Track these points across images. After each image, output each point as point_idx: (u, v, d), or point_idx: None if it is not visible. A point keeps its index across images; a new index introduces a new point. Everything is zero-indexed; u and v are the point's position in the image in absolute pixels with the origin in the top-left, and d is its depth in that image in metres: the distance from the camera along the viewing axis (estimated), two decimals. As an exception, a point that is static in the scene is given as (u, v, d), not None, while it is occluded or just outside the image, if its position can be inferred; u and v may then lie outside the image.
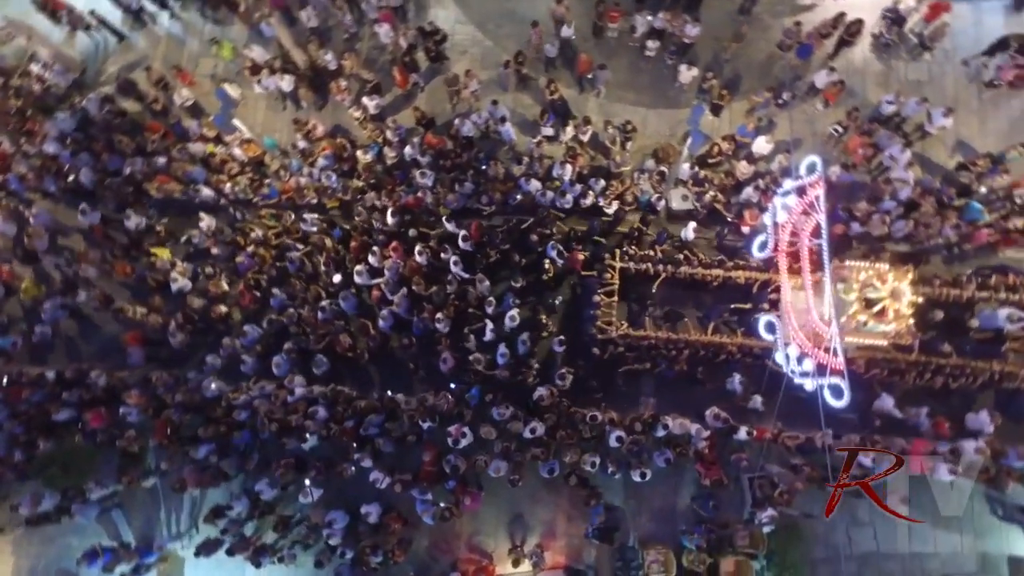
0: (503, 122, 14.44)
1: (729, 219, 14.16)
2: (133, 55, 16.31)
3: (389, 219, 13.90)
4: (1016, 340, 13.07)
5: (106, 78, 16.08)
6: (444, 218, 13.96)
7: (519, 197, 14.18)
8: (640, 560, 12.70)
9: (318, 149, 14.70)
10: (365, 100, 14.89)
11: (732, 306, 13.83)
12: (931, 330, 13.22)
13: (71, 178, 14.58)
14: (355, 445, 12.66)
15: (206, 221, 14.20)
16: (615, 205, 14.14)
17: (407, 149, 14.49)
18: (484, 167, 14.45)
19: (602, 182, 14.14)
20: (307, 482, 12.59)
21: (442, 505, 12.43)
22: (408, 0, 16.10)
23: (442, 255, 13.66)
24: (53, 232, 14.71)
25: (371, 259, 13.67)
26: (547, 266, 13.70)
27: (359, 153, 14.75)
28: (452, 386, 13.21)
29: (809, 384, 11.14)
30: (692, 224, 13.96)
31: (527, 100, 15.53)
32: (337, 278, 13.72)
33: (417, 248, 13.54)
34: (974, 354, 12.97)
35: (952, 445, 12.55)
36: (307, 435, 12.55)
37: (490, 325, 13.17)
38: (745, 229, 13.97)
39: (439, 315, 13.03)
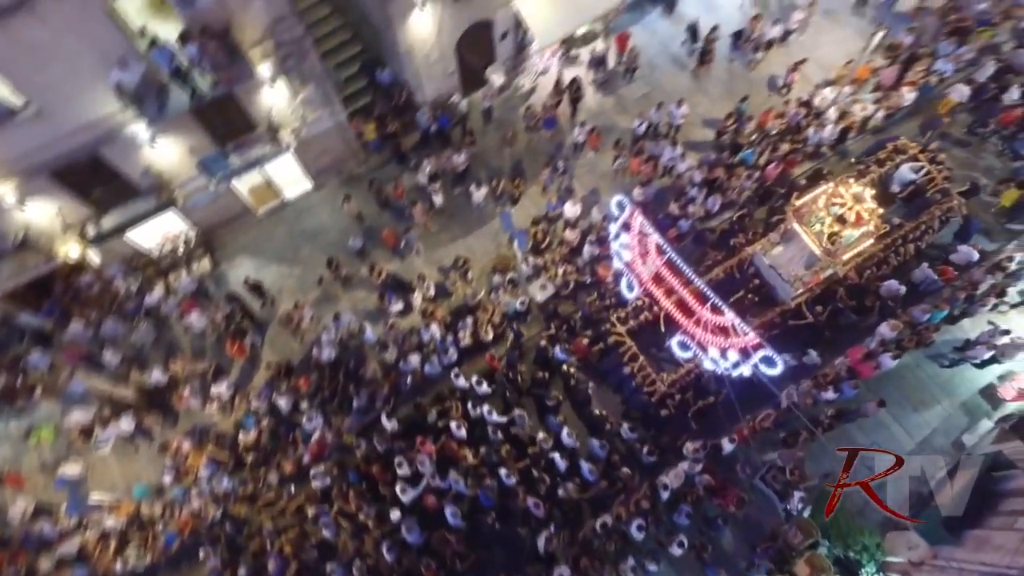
0: (362, 332, 14.54)
1: (588, 281, 14.91)
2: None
3: (387, 424, 13.19)
4: (929, 184, 14.80)
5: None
6: (453, 375, 13.53)
7: (409, 380, 13.97)
8: (732, 620, 11.98)
9: (193, 464, 13.49)
10: (214, 389, 14.11)
11: (731, 300, 14.24)
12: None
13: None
14: None
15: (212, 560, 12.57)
16: (491, 331, 14.36)
17: (280, 403, 13.81)
18: (360, 374, 14.19)
19: (468, 319, 14.38)
20: None
21: None
22: (202, 279, 15.86)
23: (472, 413, 13.30)
24: None
25: (402, 471, 12.64)
26: (567, 369, 13.79)
27: (239, 437, 13.79)
28: None
29: (746, 370, 11.60)
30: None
31: (361, 294, 15.63)
32: (396, 515, 12.41)
33: (452, 425, 13.00)
34: (916, 213, 14.61)
35: (879, 337, 13.64)
36: None
37: (556, 455, 12.68)
38: (609, 280, 14.75)
39: (502, 472, 12.31)
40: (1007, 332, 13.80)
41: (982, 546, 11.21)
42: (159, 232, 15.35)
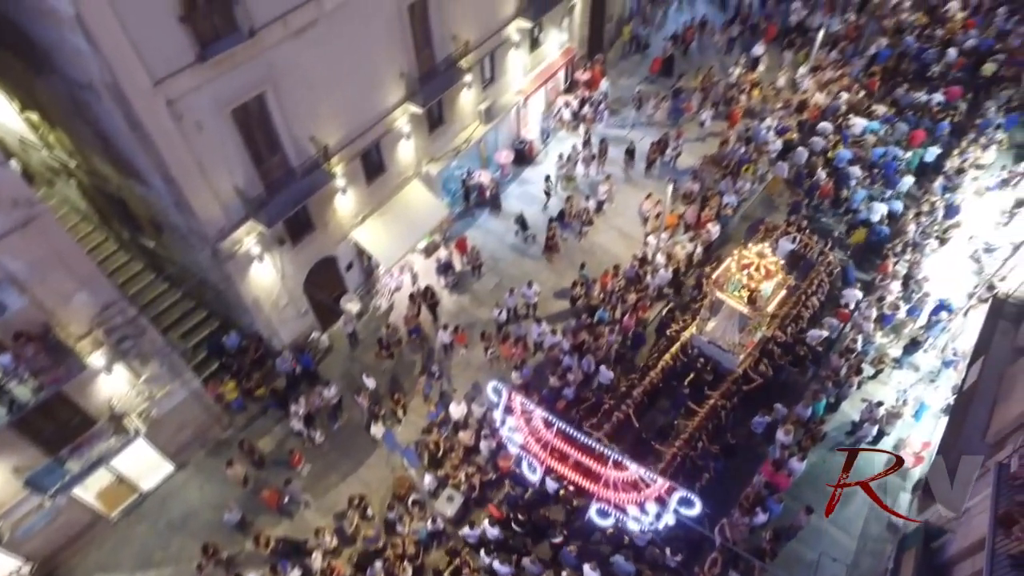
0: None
1: (493, 478, 14.24)
2: None
3: None
4: (806, 248, 16.94)
5: None
6: (468, 527, 13.65)
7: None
8: None
9: None
10: None
11: (686, 388, 14.85)
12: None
13: None
14: None
15: None
16: (409, 569, 12.85)
17: None
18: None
19: (378, 564, 12.86)
20: None
21: None
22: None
23: (483, 560, 13.05)
24: None
25: None
26: (563, 494, 13.68)
27: None
28: None
29: (669, 518, 11.18)
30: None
31: (250, 575, 13.57)
32: None
33: None
34: (806, 273, 16.53)
35: (780, 443, 14.01)
36: None
37: None
38: (511, 467, 14.18)
39: None
40: (880, 404, 14.75)
41: (963, 629, 10.65)
42: (-19, 580, 12.75)
